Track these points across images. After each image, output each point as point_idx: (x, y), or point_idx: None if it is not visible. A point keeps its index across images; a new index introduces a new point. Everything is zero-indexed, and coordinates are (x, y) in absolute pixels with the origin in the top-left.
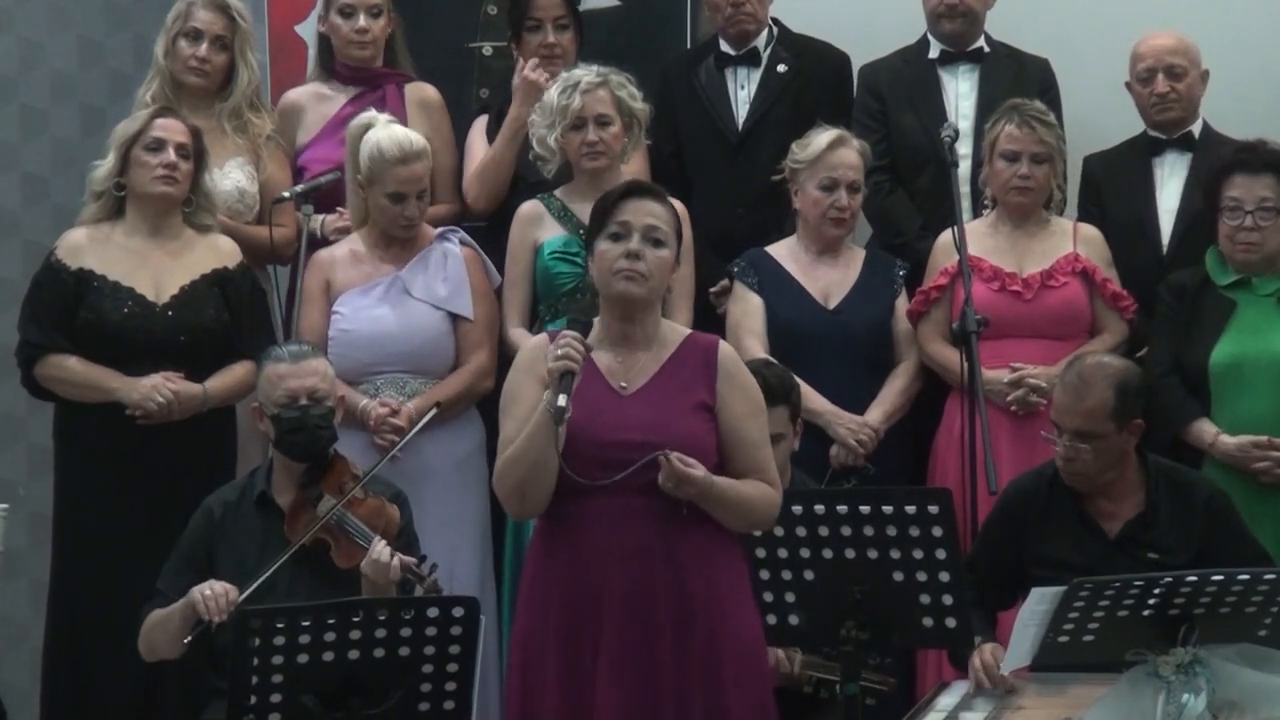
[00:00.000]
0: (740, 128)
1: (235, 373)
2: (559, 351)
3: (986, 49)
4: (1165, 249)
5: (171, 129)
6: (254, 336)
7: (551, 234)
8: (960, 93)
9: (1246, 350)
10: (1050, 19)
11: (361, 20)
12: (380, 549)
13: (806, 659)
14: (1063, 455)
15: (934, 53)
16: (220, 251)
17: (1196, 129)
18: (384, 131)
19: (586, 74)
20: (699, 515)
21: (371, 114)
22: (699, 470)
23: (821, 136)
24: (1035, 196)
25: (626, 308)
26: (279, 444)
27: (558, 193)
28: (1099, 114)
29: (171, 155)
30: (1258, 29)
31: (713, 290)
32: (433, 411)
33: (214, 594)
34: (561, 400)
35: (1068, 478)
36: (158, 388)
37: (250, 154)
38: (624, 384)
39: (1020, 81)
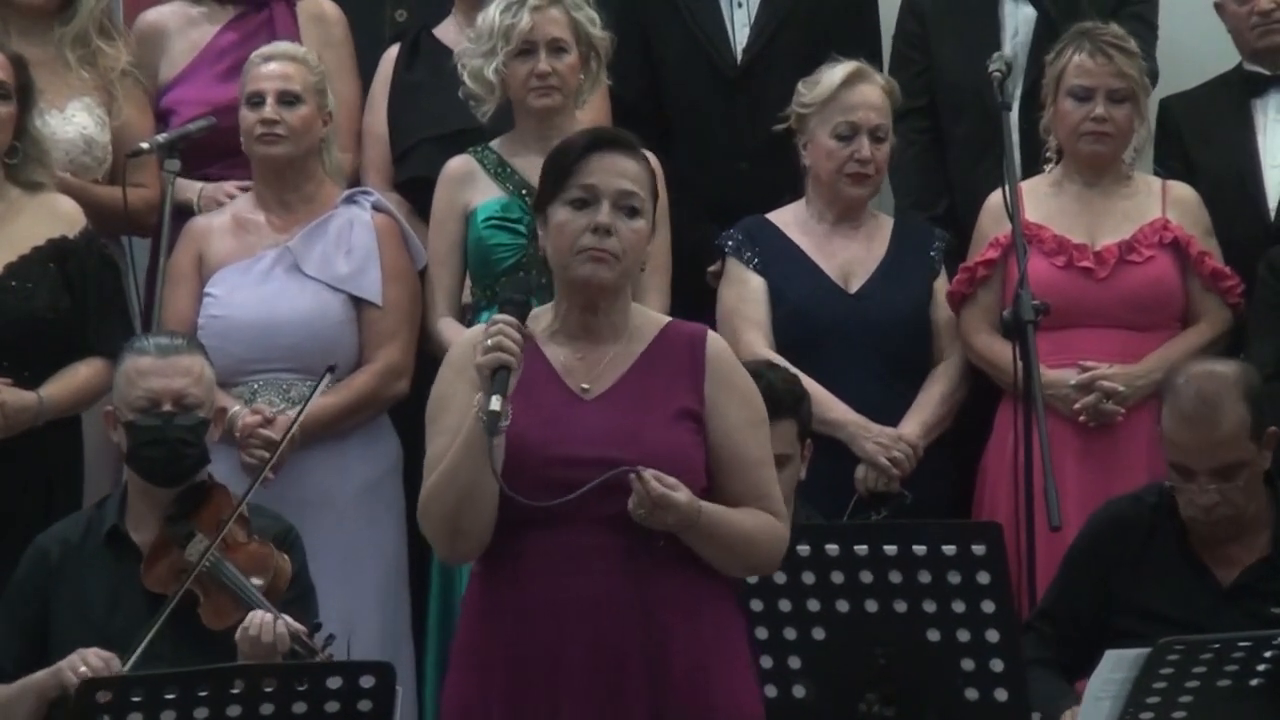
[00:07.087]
0: (739, 59)
1: (79, 374)
2: (489, 341)
3: None
4: (1273, 214)
5: None
6: (104, 326)
7: (486, 196)
8: (1021, 17)
9: None
10: None
11: None
12: (261, 619)
13: None
14: (1202, 504)
15: None
16: (57, 216)
17: None
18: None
19: None
20: (681, 553)
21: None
22: (681, 493)
23: (835, 71)
24: (1114, 145)
25: (591, 296)
26: (131, 459)
27: (494, 144)
28: (1177, 48)
29: None
30: None
31: (711, 269)
32: (303, 408)
33: (92, 667)
34: (495, 403)
35: (1212, 526)
36: None
37: (100, 93)
38: (585, 385)
39: (1101, 4)
